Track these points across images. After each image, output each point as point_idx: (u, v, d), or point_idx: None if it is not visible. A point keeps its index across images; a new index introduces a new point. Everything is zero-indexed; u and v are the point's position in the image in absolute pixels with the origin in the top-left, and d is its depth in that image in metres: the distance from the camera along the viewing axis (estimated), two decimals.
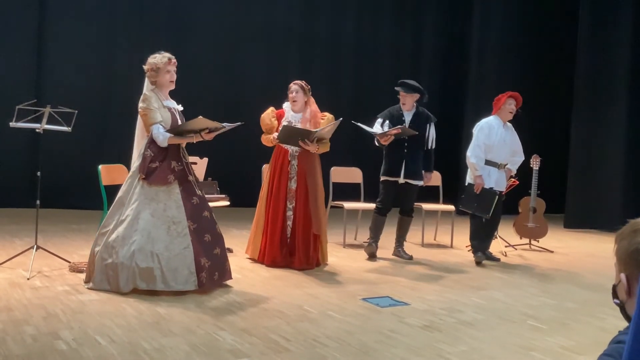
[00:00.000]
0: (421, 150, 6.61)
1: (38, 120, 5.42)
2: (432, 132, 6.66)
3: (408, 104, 6.59)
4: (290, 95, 6.10)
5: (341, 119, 5.96)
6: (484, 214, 6.58)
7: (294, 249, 5.98)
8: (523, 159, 6.94)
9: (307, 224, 5.99)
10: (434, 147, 6.71)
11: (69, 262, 5.54)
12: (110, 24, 9.41)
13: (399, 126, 6.39)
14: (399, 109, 6.64)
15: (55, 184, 8.29)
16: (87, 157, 8.55)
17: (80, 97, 8.57)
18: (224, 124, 4.99)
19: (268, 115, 6.12)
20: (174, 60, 5.05)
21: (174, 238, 4.78)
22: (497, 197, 6.53)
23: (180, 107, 5.20)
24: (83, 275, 5.17)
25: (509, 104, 6.69)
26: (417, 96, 6.60)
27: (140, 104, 4.98)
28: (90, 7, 9.24)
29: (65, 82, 8.98)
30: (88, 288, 4.80)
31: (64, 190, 8.87)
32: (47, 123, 5.44)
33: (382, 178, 6.66)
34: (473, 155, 6.68)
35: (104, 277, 4.75)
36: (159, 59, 5.00)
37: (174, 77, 5.06)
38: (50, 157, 7.72)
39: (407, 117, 6.60)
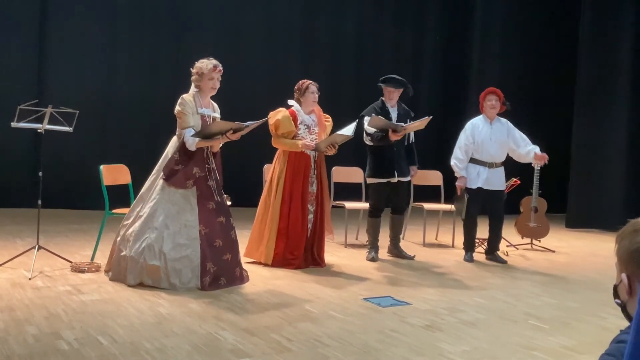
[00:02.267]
0: (403, 146, 6.56)
1: (39, 120, 5.43)
2: None
3: (395, 100, 6.54)
4: (312, 96, 6.01)
5: (358, 120, 6.00)
6: (460, 216, 6.71)
7: (312, 249, 6.01)
8: (531, 152, 6.74)
9: (322, 223, 6.07)
10: (413, 141, 6.70)
11: (71, 262, 5.55)
12: (112, 25, 9.42)
13: (426, 117, 6.23)
14: (383, 106, 6.52)
15: (56, 184, 8.29)
16: (89, 157, 8.56)
17: (81, 98, 8.58)
18: (247, 123, 5.06)
19: (288, 120, 5.89)
20: (219, 67, 5.18)
21: (184, 241, 4.93)
22: (466, 199, 6.57)
23: (215, 114, 5.28)
24: (84, 275, 5.26)
25: (488, 101, 6.72)
26: (401, 91, 6.54)
27: (177, 107, 5.12)
28: (91, 7, 9.25)
29: (67, 83, 9.00)
30: (108, 278, 5.07)
31: (65, 190, 8.88)
32: (49, 123, 5.45)
33: (375, 180, 6.50)
34: (453, 157, 6.76)
35: (118, 268, 5.01)
36: (205, 64, 5.14)
37: (217, 84, 5.19)
38: (51, 158, 7.73)
39: (393, 114, 6.52)
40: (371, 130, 6.31)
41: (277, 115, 5.95)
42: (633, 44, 9.79)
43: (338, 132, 5.94)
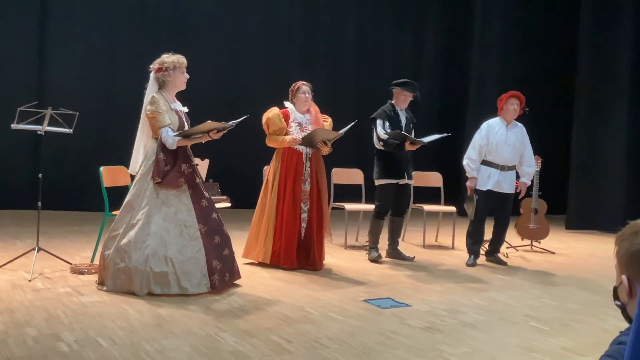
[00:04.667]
0: (410, 150, 6.55)
1: (39, 122, 5.43)
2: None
3: (407, 104, 6.56)
4: (303, 96, 6.04)
5: (356, 120, 6.01)
6: (469, 217, 6.64)
7: (309, 251, 5.98)
8: (534, 168, 6.80)
9: (320, 225, 6.03)
10: None
11: (71, 263, 5.55)
12: (112, 26, 9.43)
13: (445, 134, 6.42)
14: (393, 109, 6.53)
15: (56, 185, 8.29)
16: (89, 159, 8.56)
17: (81, 99, 8.57)
18: (230, 123, 5.01)
19: (278, 117, 5.97)
20: (186, 62, 5.11)
21: (187, 242, 4.84)
22: (475, 200, 6.53)
23: (185, 109, 5.22)
24: (84, 277, 5.23)
25: (511, 104, 6.63)
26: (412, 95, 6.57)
27: (149, 107, 4.96)
28: (92, 9, 9.26)
29: (67, 84, 8.99)
30: (103, 290, 4.81)
31: (65, 191, 8.88)
32: (49, 125, 5.45)
33: (385, 181, 6.50)
34: (466, 157, 6.70)
35: (116, 282, 4.78)
36: (178, 58, 5.04)
37: (187, 78, 5.12)
38: (51, 159, 7.72)
39: (402, 118, 6.55)
40: (385, 137, 6.33)
41: (268, 114, 6.04)
42: (633, 46, 9.79)
43: (327, 129, 5.99)
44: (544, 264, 6.92)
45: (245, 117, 5.08)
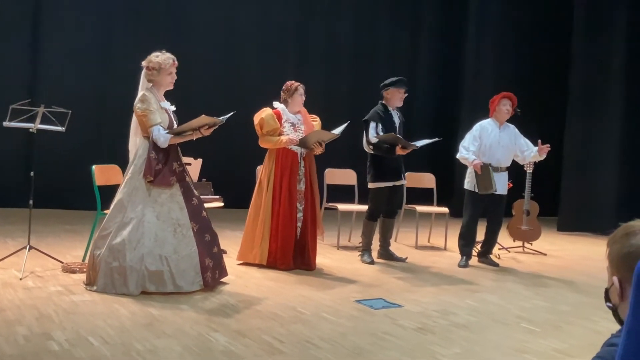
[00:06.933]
0: None
1: (32, 120, 5.41)
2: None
3: (402, 102, 6.51)
4: (300, 98, 6.03)
5: (349, 121, 5.99)
6: (490, 190, 6.40)
7: (303, 250, 5.98)
8: (534, 150, 6.68)
9: (314, 224, 6.05)
10: None
11: (62, 262, 5.52)
12: (106, 23, 9.39)
13: (436, 138, 6.39)
14: (386, 110, 6.47)
15: (48, 184, 8.24)
16: (81, 157, 8.51)
17: (74, 97, 8.52)
18: (221, 118, 5.01)
19: (272, 118, 5.94)
20: (176, 62, 5.07)
21: (181, 240, 4.84)
22: (490, 168, 6.43)
23: (173, 108, 5.19)
24: (75, 276, 5.19)
25: (503, 105, 6.64)
26: None
27: (139, 105, 4.94)
28: (86, 5, 9.22)
29: (60, 82, 8.95)
30: (92, 291, 4.75)
31: (57, 190, 8.83)
32: (41, 123, 5.43)
33: (380, 184, 6.44)
34: (458, 155, 6.68)
35: (108, 281, 4.73)
36: (164, 59, 4.99)
37: (175, 78, 5.07)
38: (43, 157, 7.67)
39: (396, 118, 6.52)
40: (375, 140, 6.29)
41: (261, 115, 6.00)
42: (626, 48, 9.83)
43: (324, 130, 5.99)
44: (536, 266, 6.93)
45: (233, 112, 5.07)
